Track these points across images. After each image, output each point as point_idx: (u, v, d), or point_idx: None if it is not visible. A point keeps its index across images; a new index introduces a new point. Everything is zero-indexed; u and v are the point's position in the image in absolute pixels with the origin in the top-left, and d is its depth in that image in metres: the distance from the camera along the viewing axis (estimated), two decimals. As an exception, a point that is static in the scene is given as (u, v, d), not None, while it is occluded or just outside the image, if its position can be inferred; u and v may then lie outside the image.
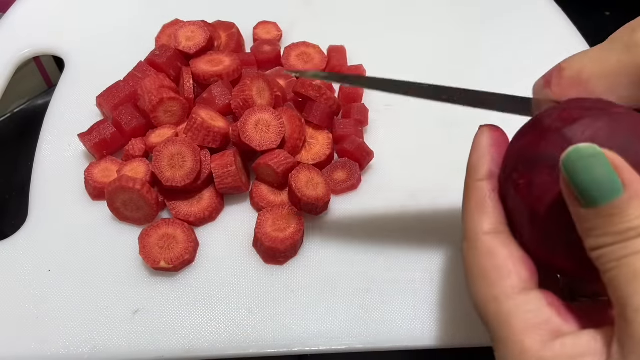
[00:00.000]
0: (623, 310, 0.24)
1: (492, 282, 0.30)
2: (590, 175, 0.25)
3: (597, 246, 0.26)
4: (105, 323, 0.45)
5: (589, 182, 0.25)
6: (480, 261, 0.31)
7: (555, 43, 0.69)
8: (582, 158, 0.26)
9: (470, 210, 0.32)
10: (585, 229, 0.26)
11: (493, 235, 0.31)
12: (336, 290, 0.47)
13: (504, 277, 0.29)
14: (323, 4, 0.73)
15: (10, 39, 0.67)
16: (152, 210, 0.50)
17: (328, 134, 0.55)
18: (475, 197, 0.32)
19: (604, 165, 0.25)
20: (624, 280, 0.24)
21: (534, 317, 0.28)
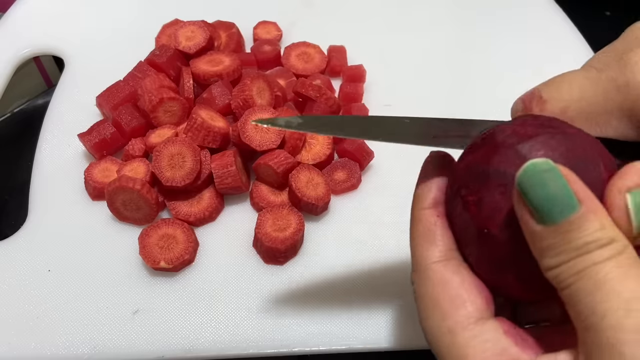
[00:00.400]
0: (587, 322, 0.24)
1: (445, 313, 0.28)
2: (547, 190, 0.25)
3: (555, 264, 0.25)
4: (105, 323, 0.45)
5: (546, 197, 0.25)
6: (432, 291, 0.29)
7: (555, 43, 0.69)
8: (538, 173, 0.25)
9: (417, 239, 0.31)
10: (540, 248, 0.25)
11: (443, 263, 0.30)
12: (336, 290, 0.47)
13: (458, 307, 0.28)
14: (323, 4, 0.73)
15: (10, 38, 0.67)
16: (152, 211, 0.50)
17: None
18: (421, 226, 0.31)
19: (559, 181, 0.25)
20: (585, 292, 0.24)
21: (491, 348, 0.27)
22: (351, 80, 0.62)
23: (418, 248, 0.31)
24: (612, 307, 0.23)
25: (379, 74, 0.64)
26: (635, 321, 0.22)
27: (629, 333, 0.22)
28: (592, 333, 0.23)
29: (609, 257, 0.24)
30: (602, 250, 0.24)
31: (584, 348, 0.24)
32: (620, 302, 0.23)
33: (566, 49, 0.68)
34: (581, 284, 0.24)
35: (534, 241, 0.26)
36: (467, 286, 0.29)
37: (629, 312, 0.22)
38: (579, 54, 0.67)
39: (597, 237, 0.24)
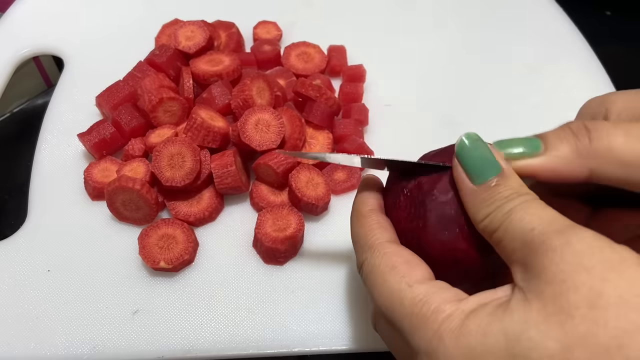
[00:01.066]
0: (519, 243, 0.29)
1: (403, 273, 0.32)
2: (478, 152, 0.32)
3: (487, 213, 0.31)
4: (105, 323, 0.45)
5: (478, 158, 0.32)
6: (388, 260, 0.33)
7: (555, 43, 0.69)
8: (472, 141, 0.33)
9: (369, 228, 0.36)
10: (476, 202, 0.32)
11: (394, 242, 0.35)
12: (336, 290, 0.47)
13: (414, 268, 0.32)
14: (323, 4, 0.73)
15: (9, 38, 0.67)
16: (151, 211, 0.50)
17: (328, 134, 0.55)
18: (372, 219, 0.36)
19: (486, 147, 0.32)
20: (516, 221, 0.29)
21: (448, 292, 0.31)
22: (351, 80, 0.62)
23: (371, 233, 0.36)
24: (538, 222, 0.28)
25: (379, 74, 0.64)
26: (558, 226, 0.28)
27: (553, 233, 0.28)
28: (525, 245, 0.28)
29: (529, 199, 0.30)
30: (523, 196, 0.30)
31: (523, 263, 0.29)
32: (543, 219, 0.29)
33: (567, 49, 0.68)
34: (511, 217, 0.30)
35: (470, 198, 0.32)
36: (416, 257, 0.34)
37: (551, 223, 0.28)
38: (579, 54, 0.67)
39: (518, 189, 0.31)
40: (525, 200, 0.30)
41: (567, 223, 0.28)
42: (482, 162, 0.32)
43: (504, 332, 0.27)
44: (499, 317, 0.28)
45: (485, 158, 0.32)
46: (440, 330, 0.29)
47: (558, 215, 0.29)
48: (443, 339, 0.28)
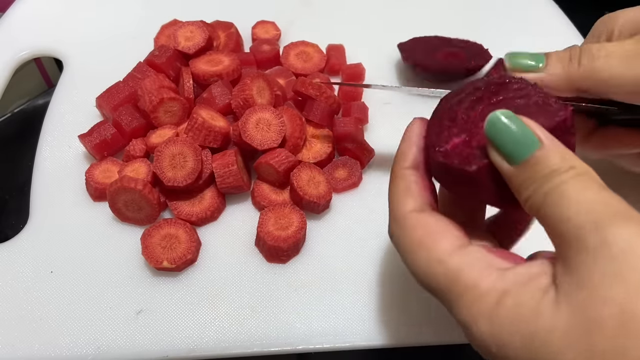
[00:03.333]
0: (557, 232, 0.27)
1: (430, 247, 0.31)
2: (510, 132, 0.30)
3: (529, 195, 0.29)
4: (109, 324, 0.45)
5: (511, 139, 0.30)
6: (414, 234, 0.32)
7: (555, 43, 0.69)
8: (500, 120, 0.30)
9: (397, 194, 0.34)
10: (516, 185, 0.30)
11: (418, 212, 0.33)
12: (339, 288, 0.48)
13: (440, 239, 0.31)
14: (322, 3, 0.73)
15: (8, 40, 0.67)
16: (153, 211, 0.50)
17: (329, 132, 0.55)
18: (402, 183, 0.34)
19: (519, 124, 0.30)
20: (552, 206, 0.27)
21: (481, 263, 0.29)
22: (350, 78, 0.63)
23: (396, 201, 0.34)
24: (574, 212, 0.26)
25: (379, 73, 0.65)
26: (594, 217, 0.26)
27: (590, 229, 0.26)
28: (563, 240, 0.27)
29: (569, 177, 0.28)
30: (563, 174, 0.28)
31: (560, 255, 0.27)
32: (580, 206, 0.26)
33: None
34: (548, 201, 0.28)
35: (510, 181, 0.30)
36: (442, 223, 0.32)
37: (588, 213, 0.26)
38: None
39: (560, 165, 0.28)
40: (564, 181, 0.28)
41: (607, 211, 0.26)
42: (516, 141, 0.29)
43: (530, 336, 0.26)
44: (527, 318, 0.27)
45: (518, 137, 0.30)
46: (473, 311, 0.28)
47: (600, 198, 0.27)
48: (477, 321, 0.28)
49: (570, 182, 0.28)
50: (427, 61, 0.61)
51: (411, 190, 0.34)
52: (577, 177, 0.28)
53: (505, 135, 0.30)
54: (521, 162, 0.29)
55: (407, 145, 0.36)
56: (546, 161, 0.29)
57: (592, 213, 0.26)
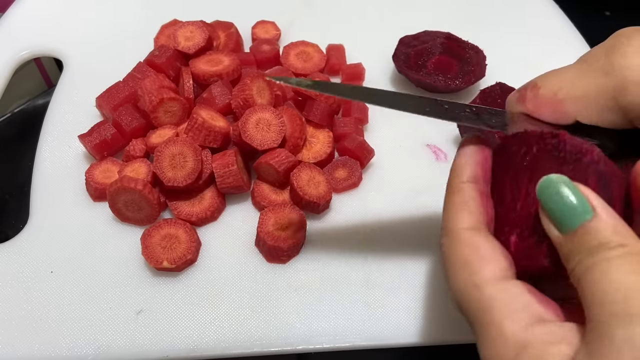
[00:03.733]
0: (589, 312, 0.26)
1: (473, 270, 0.30)
2: (562, 199, 0.29)
3: (572, 267, 0.28)
4: (109, 324, 0.45)
5: (561, 206, 0.29)
6: (461, 252, 0.31)
7: (555, 43, 0.69)
8: (553, 185, 0.29)
9: (453, 208, 0.33)
10: (564, 253, 0.29)
11: (474, 230, 0.32)
12: (339, 288, 0.48)
13: (485, 264, 0.30)
14: (322, 3, 0.73)
15: (8, 41, 0.67)
16: (153, 211, 0.50)
17: (328, 133, 0.55)
18: (459, 197, 0.33)
19: (573, 191, 0.29)
20: (590, 283, 0.26)
21: (516, 302, 0.29)
22: (350, 78, 0.62)
23: (453, 216, 0.33)
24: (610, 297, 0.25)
25: (378, 72, 0.65)
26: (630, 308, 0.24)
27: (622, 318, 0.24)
28: (593, 321, 0.26)
29: (617, 256, 0.26)
30: (611, 250, 0.26)
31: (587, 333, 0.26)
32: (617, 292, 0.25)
33: (565, 49, 0.68)
34: (587, 277, 0.26)
35: (559, 249, 0.29)
36: (493, 249, 0.31)
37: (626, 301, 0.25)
38: (578, 54, 0.67)
39: (609, 240, 0.27)
40: (608, 258, 0.26)
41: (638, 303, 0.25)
42: (567, 209, 0.28)
43: None
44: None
45: (572, 204, 0.28)
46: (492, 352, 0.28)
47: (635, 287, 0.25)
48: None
49: (616, 261, 0.26)
50: (416, 75, 0.60)
51: (468, 206, 0.33)
52: (625, 256, 0.26)
53: (556, 201, 0.29)
54: (570, 232, 0.28)
55: (464, 160, 0.35)
56: (595, 233, 0.27)
57: (628, 302, 0.25)
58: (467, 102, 0.55)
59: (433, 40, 0.62)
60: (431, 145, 0.58)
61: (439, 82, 0.59)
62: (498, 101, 0.53)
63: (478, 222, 0.33)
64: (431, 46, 0.62)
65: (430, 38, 0.63)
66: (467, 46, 0.63)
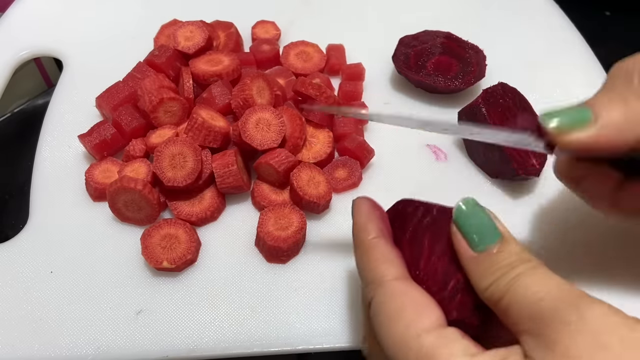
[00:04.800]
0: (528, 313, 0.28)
1: (410, 321, 0.31)
2: (479, 219, 0.32)
3: (491, 281, 0.30)
4: (109, 324, 0.45)
5: (477, 226, 0.31)
6: (396, 302, 0.32)
7: (555, 43, 0.69)
8: (471, 207, 0.32)
9: (374, 262, 0.34)
10: (478, 271, 0.31)
11: (403, 280, 0.33)
12: (339, 288, 0.48)
13: (422, 313, 0.31)
14: (321, 3, 0.73)
15: (8, 40, 0.67)
16: (153, 211, 0.50)
17: (328, 133, 0.55)
18: (376, 252, 0.35)
19: (485, 214, 0.32)
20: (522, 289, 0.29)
21: (456, 346, 0.29)
22: (350, 78, 0.62)
23: (376, 269, 0.34)
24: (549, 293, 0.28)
25: (378, 72, 0.65)
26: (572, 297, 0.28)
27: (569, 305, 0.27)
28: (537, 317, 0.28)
29: (534, 266, 0.30)
30: (526, 263, 0.30)
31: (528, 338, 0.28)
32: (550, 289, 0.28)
33: (565, 49, 0.68)
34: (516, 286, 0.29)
35: (470, 267, 0.31)
36: (425, 297, 0.32)
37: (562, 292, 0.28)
38: (577, 54, 0.67)
39: (521, 256, 0.30)
40: (530, 267, 0.30)
41: (576, 294, 0.28)
42: (481, 229, 0.31)
43: None
44: None
45: (484, 225, 0.31)
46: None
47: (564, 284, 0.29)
48: None
49: (536, 268, 0.30)
50: (415, 76, 0.60)
51: (389, 258, 0.34)
52: (538, 267, 0.30)
53: (472, 220, 0.32)
54: (485, 249, 0.31)
55: (366, 218, 0.37)
56: (509, 250, 0.30)
57: (562, 294, 0.28)
58: (467, 103, 0.55)
59: (433, 40, 0.62)
60: (431, 145, 0.58)
61: (439, 83, 0.59)
62: (500, 101, 0.53)
63: (403, 272, 0.34)
64: (431, 46, 0.62)
65: (430, 38, 0.63)
66: (467, 46, 0.63)
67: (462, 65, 0.61)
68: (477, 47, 0.63)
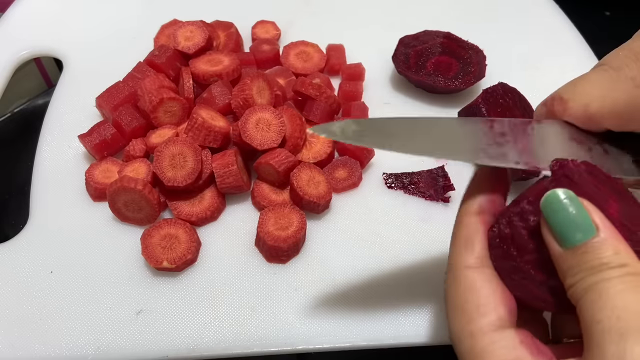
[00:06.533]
0: (587, 329, 0.27)
1: (470, 318, 0.31)
2: (567, 214, 0.29)
3: (573, 282, 0.28)
4: (109, 324, 0.45)
5: (564, 221, 0.29)
6: (461, 295, 0.32)
7: (555, 43, 0.69)
8: (559, 200, 0.29)
9: (458, 243, 0.33)
10: (562, 269, 0.29)
11: (477, 270, 0.32)
12: (339, 287, 0.48)
13: (483, 314, 0.30)
14: (321, 3, 0.73)
15: (8, 41, 0.67)
16: (153, 211, 0.50)
17: (328, 133, 0.55)
18: (464, 231, 0.33)
19: (578, 207, 0.29)
20: (590, 302, 0.27)
21: (506, 354, 0.29)
22: (350, 78, 0.62)
23: (457, 251, 0.33)
24: (606, 315, 0.26)
25: (378, 72, 0.65)
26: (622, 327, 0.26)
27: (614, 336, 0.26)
28: (590, 338, 0.27)
29: (616, 276, 0.27)
30: (611, 270, 0.27)
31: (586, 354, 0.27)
32: (614, 311, 0.26)
33: (565, 49, 0.68)
34: (587, 296, 0.27)
35: (557, 263, 0.29)
36: (494, 295, 0.31)
37: (618, 320, 0.26)
38: (578, 54, 0.67)
39: (610, 260, 0.27)
40: (608, 279, 0.27)
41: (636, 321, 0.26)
42: (569, 226, 0.29)
43: None
44: None
45: (574, 221, 0.29)
46: None
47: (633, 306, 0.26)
48: None
49: (615, 281, 0.27)
50: (415, 76, 0.60)
51: (472, 241, 0.33)
52: (624, 276, 0.27)
53: (560, 216, 0.29)
54: (571, 247, 0.28)
55: (472, 191, 0.34)
56: (597, 252, 0.28)
57: (622, 321, 0.26)
58: (467, 103, 0.55)
59: (433, 40, 0.62)
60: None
61: (439, 83, 0.59)
62: (500, 101, 0.53)
63: (483, 258, 0.32)
64: (431, 46, 0.62)
65: (430, 38, 0.63)
66: (467, 46, 0.63)
67: (462, 65, 0.61)
68: (477, 47, 0.63)
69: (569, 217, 0.29)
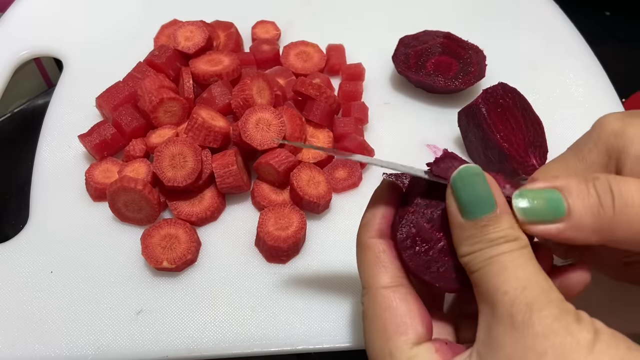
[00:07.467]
0: (490, 298, 0.29)
1: (389, 337, 0.32)
2: (474, 188, 0.31)
3: (470, 251, 0.30)
4: (109, 324, 0.45)
5: (472, 195, 0.31)
6: (380, 315, 0.33)
7: (555, 43, 0.69)
8: (471, 174, 0.31)
9: (368, 265, 0.35)
10: (461, 237, 0.31)
11: (392, 289, 0.33)
12: (339, 287, 0.48)
13: (401, 333, 0.32)
14: (321, 3, 0.73)
15: (7, 40, 0.67)
16: (153, 211, 0.50)
17: (328, 132, 0.55)
18: (371, 253, 0.35)
19: (484, 183, 0.31)
20: (493, 273, 0.29)
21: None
22: (350, 78, 0.62)
23: (368, 273, 0.34)
24: (512, 286, 0.28)
25: (378, 72, 0.65)
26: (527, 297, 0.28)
27: (521, 305, 0.28)
28: (494, 306, 0.29)
29: (514, 249, 0.30)
30: (509, 244, 0.30)
31: (485, 321, 0.30)
32: (518, 282, 0.28)
33: (565, 49, 0.68)
34: (491, 267, 0.29)
35: (458, 231, 0.31)
36: (411, 314, 0.33)
37: (523, 290, 0.28)
38: (578, 54, 0.67)
39: (507, 233, 0.30)
40: (510, 250, 0.29)
41: (538, 291, 0.28)
42: (475, 199, 0.31)
43: None
44: None
45: (479, 196, 0.31)
46: None
47: (536, 277, 0.29)
48: None
49: (515, 254, 0.29)
50: (415, 76, 0.60)
51: (383, 261, 0.34)
52: (520, 249, 0.30)
53: (468, 189, 0.31)
54: (474, 219, 0.30)
55: (371, 214, 0.36)
56: (497, 225, 0.30)
57: (526, 291, 0.28)
58: (467, 103, 0.55)
59: (433, 40, 0.62)
60: (431, 145, 0.58)
61: (439, 83, 0.59)
62: (500, 101, 0.53)
63: (394, 277, 0.34)
64: (431, 46, 0.62)
65: (430, 38, 0.63)
66: (467, 46, 0.63)
67: (462, 65, 0.61)
68: (477, 47, 0.63)
69: (476, 190, 0.31)
